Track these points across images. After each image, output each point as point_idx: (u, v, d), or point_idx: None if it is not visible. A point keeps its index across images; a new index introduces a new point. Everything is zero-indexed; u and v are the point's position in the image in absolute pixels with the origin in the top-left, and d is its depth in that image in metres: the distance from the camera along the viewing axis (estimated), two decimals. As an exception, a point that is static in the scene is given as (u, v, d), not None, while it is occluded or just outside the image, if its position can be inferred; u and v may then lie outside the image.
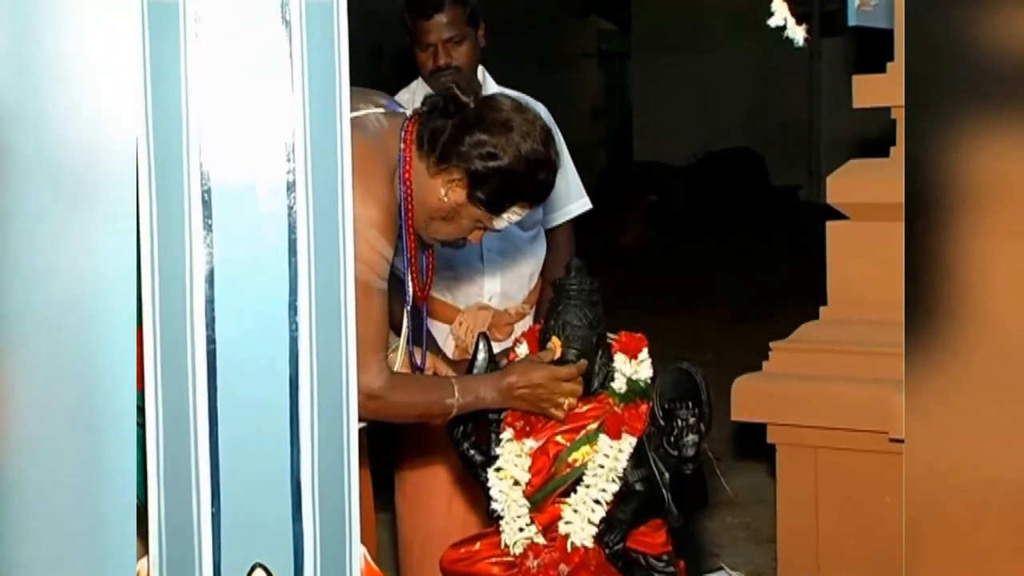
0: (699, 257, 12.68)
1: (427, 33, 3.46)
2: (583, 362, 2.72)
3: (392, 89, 3.48)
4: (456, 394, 2.65)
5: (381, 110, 2.68)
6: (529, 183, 2.60)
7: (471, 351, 3.39)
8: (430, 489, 3.53)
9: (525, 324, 3.57)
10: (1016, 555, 2.14)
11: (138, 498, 2.04)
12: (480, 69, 3.59)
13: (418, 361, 2.86)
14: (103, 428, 1.98)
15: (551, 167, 2.62)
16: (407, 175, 2.60)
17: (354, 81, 2.06)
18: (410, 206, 2.61)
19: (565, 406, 2.71)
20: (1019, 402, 2.12)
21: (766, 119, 16.82)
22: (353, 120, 2.43)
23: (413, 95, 3.50)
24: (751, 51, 15.83)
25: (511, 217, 2.64)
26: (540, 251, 3.65)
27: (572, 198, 3.67)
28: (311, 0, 1.97)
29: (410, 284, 2.74)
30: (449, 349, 3.50)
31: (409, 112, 2.70)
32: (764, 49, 14.88)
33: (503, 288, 3.60)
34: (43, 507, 2.00)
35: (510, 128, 2.57)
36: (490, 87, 3.57)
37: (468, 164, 2.56)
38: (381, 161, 2.58)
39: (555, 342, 2.75)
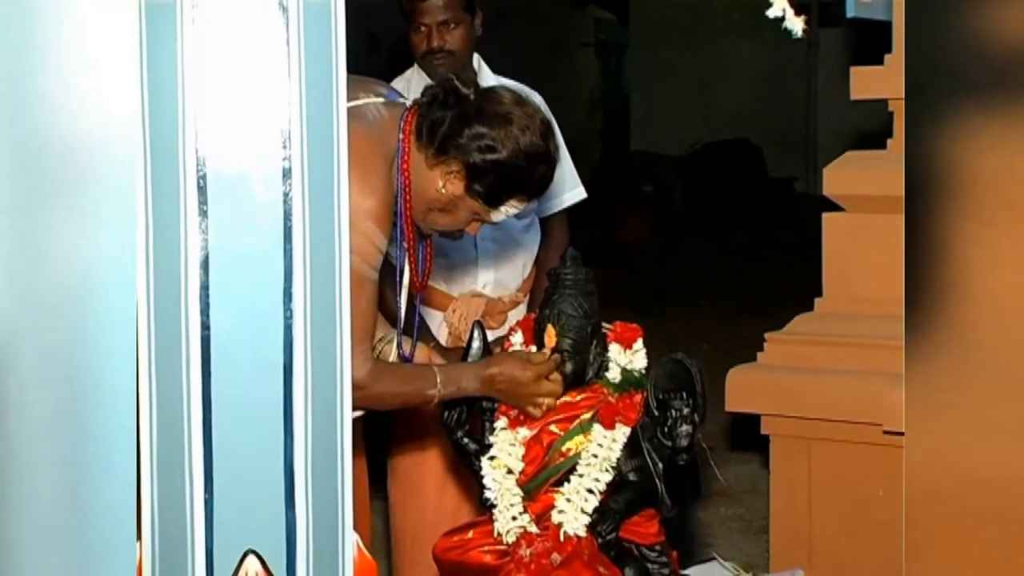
0: (695, 247, 12.70)
1: (422, 15, 3.46)
2: (557, 356, 2.72)
3: (387, 77, 3.48)
4: (438, 383, 2.66)
5: (381, 100, 2.68)
6: (527, 177, 2.60)
7: (464, 338, 3.39)
8: (422, 477, 3.53)
9: (519, 312, 3.57)
10: (1017, 551, 2.14)
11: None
12: (476, 57, 3.59)
13: (406, 351, 2.86)
14: (103, 416, 1.98)
15: (550, 161, 2.62)
16: (405, 166, 2.60)
17: (350, 68, 2.05)
18: (408, 197, 2.61)
19: (544, 407, 2.72)
20: (1020, 396, 2.12)
21: (764, 110, 16.81)
22: (352, 109, 2.43)
23: (408, 83, 3.50)
24: (749, 42, 15.82)
25: (509, 210, 2.64)
26: (534, 240, 3.65)
27: (567, 187, 3.67)
28: (308, -13, 1.97)
29: (407, 275, 2.74)
30: (443, 336, 3.50)
31: (409, 102, 2.70)
32: (762, 40, 14.87)
33: (497, 276, 3.60)
34: (43, 498, 2.00)
35: (509, 121, 2.56)
36: (485, 75, 3.57)
37: (466, 156, 2.56)
38: (379, 151, 2.58)
39: (550, 331, 2.75)
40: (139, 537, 2.01)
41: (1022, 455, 2.12)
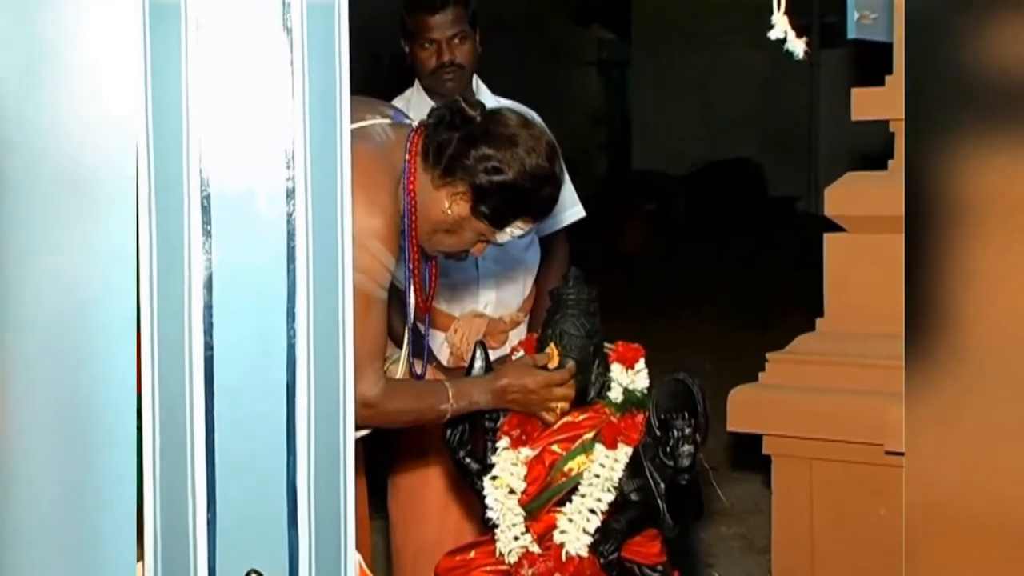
0: (697, 267, 12.69)
1: (431, 30, 3.46)
2: (571, 364, 2.73)
3: (389, 96, 3.49)
4: (450, 399, 2.67)
5: (388, 121, 2.69)
6: (533, 198, 2.61)
7: (466, 358, 3.39)
8: (424, 496, 3.53)
9: (520, 331, 3.57)
10: (1019, 568, 2.13)
11: (137, 502, 2.04)
12: (474, 77, 3.60)
13: (418, 372, 2.87)
14: (103, 432, 1.98)
15: (555, 183, 2.63)
16: (411, 186, 2.61)
17: (352, 87, 2.06)
18: (414, 217, 2.62)
19: (558, 411, 2.72)
20: (1020, 415, 2.12)
21: (765, 130, 16.84)
22: (359, 130, 2.44)
23: (407, 103, 3.49)
24: (750, 62, 15.85)
25: (514, 231, 2.65)
26: (535, 259, 3.65)
27: (566, 206, 3.67)
28: (312, 7, 1.97)
29: (412, 295, 2.75)
30: (444, 356, 3.50)
31: (415, 123, 2.71)
32: (764, 60, 14.91)
33: (498, 296, 3.60)
34: (42, 512, 2.00)
35: (515, 143, 2.57)
36: (484, 95, 3.57)
37: (473, 178, 2.56)
38: (386, 172, 2.59)
39: (552, 351, 2.75)
40: (141, 557, 2.01)
41: (1022, 472, 2.12)
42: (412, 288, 2.74)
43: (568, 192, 3.68)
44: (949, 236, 2.16)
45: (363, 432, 2.68)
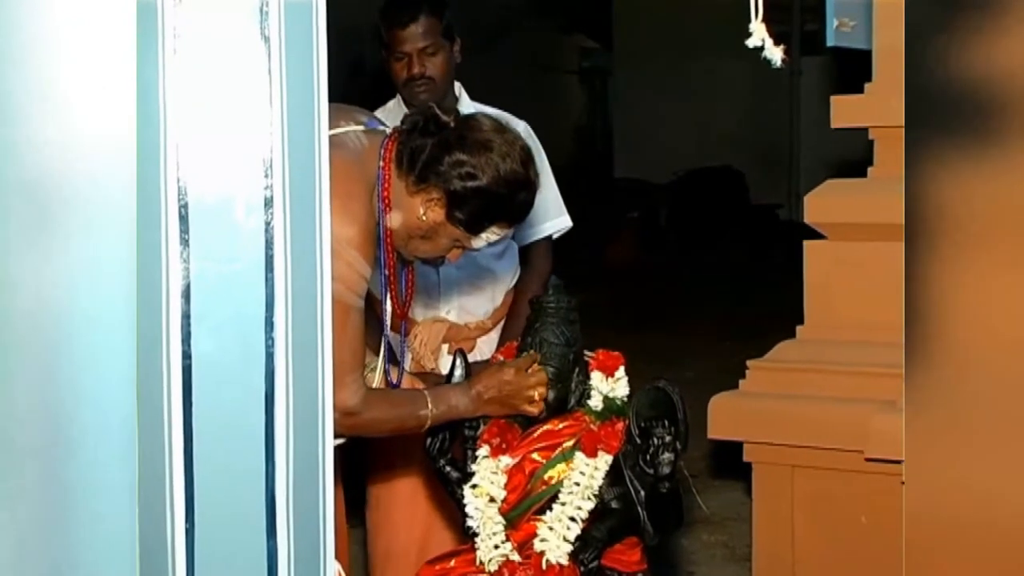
0: (678, 275, 12.72)
1: (402, 42, 3.47)
2: (533, 352, 2.73)
3: (369, 105, 3.49)
4: (429, 405, 2.66)
5: (361, 128, 2.69)
6: (508, 203, 2.60)
7: (425, 363, 3.38)
8: (392, 504, 3.54)
9: (489, 340, 3.56)
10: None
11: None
12: (456, 85, 3.60)
13: (394, 379, 2.86)
14: (95, 444, 1.98)
15: (530, 188, 2.63)
16: (386, 193, 2.60)
17: (333, 96, 2.06)
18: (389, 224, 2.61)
19: (536, 397, 2.71)
20: (1018, 426, 2.12)
21: (747, 137, 16.88)
22: (333, 137, 2.43)
23: (389, 114, 3.50)
24: (731, 70, 15.87)
25: (489, 237, 2.64)
26: (508, 268, 3.64)
27: (549, 216, 3.66)
28: (290, 15, 1.97)
29: (389, 302, 2.74)
30: (406, 361, 3.49)
31: (389, 130, 2.71)
32: (744, 68, 14.95)
33: (461, 302, 3.59)
34: (30, 520, 1.99)
35: (490, 148, 2.57)
36: (465, 103, 3.57)
37: (447, 184, 2.56)
38: (360, 179, 2.58)
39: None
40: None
41: (1021, 481, 2.12)
42: (389, 295, 2.73)
43: (553, 202, 3.67)
44: (948, 246, 2.16)
45: (340, 440, 2.68)
